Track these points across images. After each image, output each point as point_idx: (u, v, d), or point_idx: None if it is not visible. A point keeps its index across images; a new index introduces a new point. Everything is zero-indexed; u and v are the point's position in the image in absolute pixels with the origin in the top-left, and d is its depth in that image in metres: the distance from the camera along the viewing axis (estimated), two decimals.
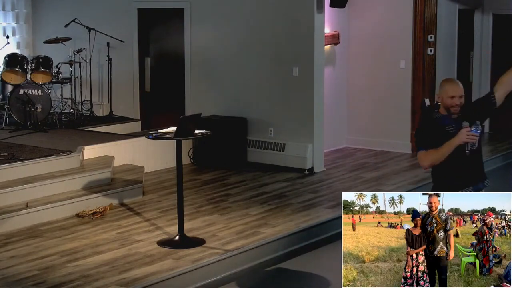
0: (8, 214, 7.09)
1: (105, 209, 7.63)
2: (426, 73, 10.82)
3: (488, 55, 12.30)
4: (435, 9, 10.84)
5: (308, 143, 9.59)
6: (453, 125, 4.93)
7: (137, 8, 11.09)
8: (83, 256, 6.31)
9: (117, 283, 5.69)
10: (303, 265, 6.65)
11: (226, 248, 6.53)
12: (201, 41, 10.46)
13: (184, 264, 6.13)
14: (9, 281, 5.74)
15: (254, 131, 10.04)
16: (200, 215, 7.62)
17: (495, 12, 12.24)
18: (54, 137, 9.35)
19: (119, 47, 11.18)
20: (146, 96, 11.25)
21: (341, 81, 11.14)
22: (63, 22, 11.31)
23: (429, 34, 10.77)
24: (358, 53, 11.11)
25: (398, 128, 10.93)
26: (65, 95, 10.88)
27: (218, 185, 8.91)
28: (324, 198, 8.30)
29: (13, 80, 10.03)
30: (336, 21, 10.77)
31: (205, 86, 10.49)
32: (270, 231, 7.01)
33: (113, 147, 9.10)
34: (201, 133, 6.87)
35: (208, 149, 9.83)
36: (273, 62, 9.86)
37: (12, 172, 7.77)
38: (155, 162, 9.51)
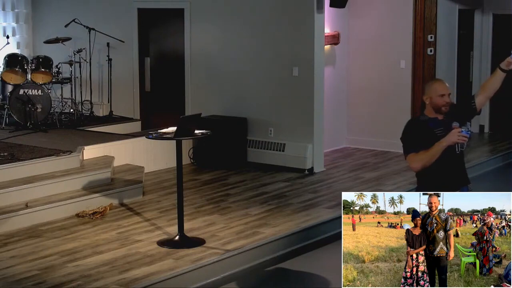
0: (8, 214, 7.09)
1: (105, 209, 7.63)
2: (426, 73, 10.82)
3: (488, 55, 12.30)
4: (435, 9, 10.84)
5: (308, 143, 9.59)
6: (441, 128, 4.91)
7: (137, 8, 11.09)
8: (83, 256, 6.31)
9: (117, 283, 5.69)
10: (303, 265, 6.65)
11: (226, 248, 6.53)
12: (201, 41, 10.46)
13: (184, 264, 6.13)
14: (9, 281, 5.74)
15: (254, 131, 10.04)
16: (200, 215, 7.62)
17: (495, 12, 12.24)
18: (54, 137, 9.35)
19: (119, 47, 11.18)
20: (146, 96, 11.25)
21: (341, 81, 11.14)
22: (63, 22, 11.31)
23: (429, 34, 10.77)
24: (358, 53, 11.11)
25: (398, 128, 10.71)
26: (65, 95, 10.88)
27: (218, 185, 8.91)
28: (324, 198, 8.30)
29: (13, 80, 10.03)
30: (336, 21, 10.77)
31: (205, 86, 10.49)
32: (270, 231, 7.01)
33: (113, 147, 9.10)
34: (201, 133, 6.87)
35: (208, 149, 9.83)
36: (273, 62, 9.86)
37: (12, 172, 7.77)
38: (155, 162, 9.51)
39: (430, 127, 4.96)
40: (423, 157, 4.87)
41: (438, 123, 4.97)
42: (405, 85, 10.82)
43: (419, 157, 4.90)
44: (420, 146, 4.90)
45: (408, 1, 10.67)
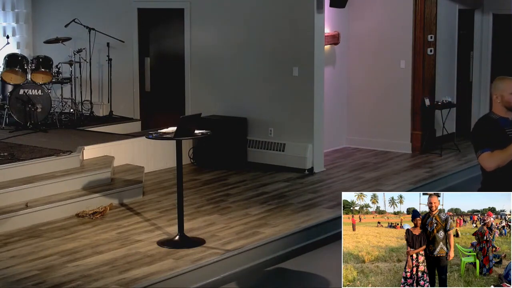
0: (8, 214, 7.09)
1: (105, 209, 7.63)
2: (426, 73, 10.82)
3: (488, 55, 12.29)
4: (435, 9, 10.84)
5: (308, 143, 9.59)
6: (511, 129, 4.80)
7: (137, 8, 11.09)
8: (83, 256, 6.31)
9: (117, 283, 5.69)
10: (303, 265, 6.65)
11: (226, 248, 6.53)
12: (201, 41, 10.46)
13: (184, 264, 6.13)
14: (9, 281, 5.74)
15: (254, 131, 10.04)
16: (200, 215, 7.62)
17: (495, 12, 12.23)
18: (54, 137, 9.36)
19: (119, 47, 11.18)
20: (146, 96, 11.25)
21: (341, 81, 11.14)
22: (63, 22, 11.31)
23: (429, 34, 10.77)
24: (358, 53, 11.11)
25: (398, 128, 10.94)
26: (65, 95, 10.88)
27: (218, 185, 8.91)
28: (324, 198, 8.30)
29: (13, 80, 10.03)
30: (336, 21, 10.77)
31: (205, 86, 10.49)
32: (270, 231, 7.01)
33: (113, 147, 9.10)
34: (201, 133, 6.87)
35: (208, 149, 9.83)
36: (273, 62, 9.86)
37: (12, 172, 7.77)
38: (155, 162, 9.51)
39: (502, 126, 4.83)
40: (500, 157, 4.73)
41: (509, 123, 4.86)
42: (405, 85, 10.82)
43: (495, 157, 4.74)
44: (495, 144, 4.75)
45: (408, 1, 10.68)
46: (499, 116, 4.89)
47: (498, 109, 4.91)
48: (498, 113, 4.90)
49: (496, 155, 4.75)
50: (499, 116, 4.89)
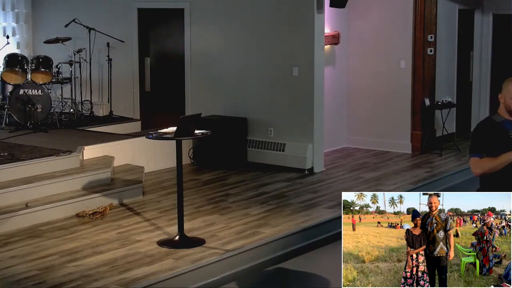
0: (8, 214, 7.09)
1: (105, 209, 7.63)
2: (426, 73, 10.82)
3: (488, 55, 12.30)
4: (435, 9, 10.84)
5: (308, 143, 9.59)
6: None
7: (137, 8, 11.09)
8: (83, 256, 6.31)
9: (117, 283, 5.69)
10: (303, 265, 6.65)
11: (226, 248, 6.53)
12: (201, 41, 10.46)
13: (184, 264, 6.13)
14: (9, 281, 5.74)
15: (254, 131, 10.04)
16: (200, 215, 7.62)
17: (495, 12, 12.24)
18: (54, 137, 9.35)
19: (119, 47, 11.18)
20: (146, 96, 11.25)
21: (341, 81, 11.14)
22: (63, 22, 11.31)
23: (429, 34, 10.77)
24: (358, 53, 11.11)
25: (398, 128, 10.94)
26: (65, 95, 10.88)
27: (218, 185, 8.91)
28: (324, 198, 8.30)
29: (13, 80, 10.04)
30: (336, 21, 10.77)
31: (205, 86, 10.49)
32: (270, 231, 7.01)
33: (113, 147, 9.09)
34: (201, 133, 6.87)
35: (208, 149, 9.83)
36: (273, 62, 9.86)
37: (12, 172, 7.77)
38: (155, 162, 9.51)
39: (504, 128, 4.75)
40: (487, 166, 4.71)
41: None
42: (405, 85, 10.82)
43: (482, 164, 4.73)
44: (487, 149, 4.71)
45: (408, 1, 10.68)
46: (503, 119, 4.81)
47: (502, 111, 4.84)
48: (503, 114, 4.83)
49: (484, 162, 4.74)
50: (503, 119, 4.81)
